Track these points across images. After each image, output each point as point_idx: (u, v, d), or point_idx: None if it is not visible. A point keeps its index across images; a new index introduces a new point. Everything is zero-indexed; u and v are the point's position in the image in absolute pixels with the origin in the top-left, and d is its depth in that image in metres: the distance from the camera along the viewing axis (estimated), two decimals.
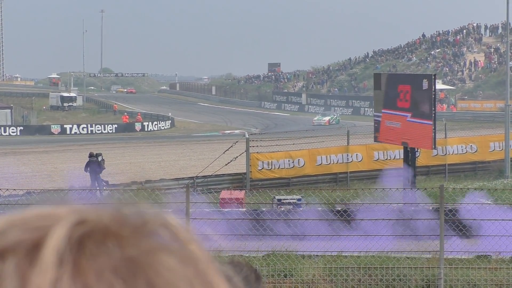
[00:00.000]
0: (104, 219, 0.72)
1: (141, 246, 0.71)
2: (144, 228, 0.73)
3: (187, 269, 0.72)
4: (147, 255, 0.71)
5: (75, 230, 0.70)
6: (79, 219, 0.71)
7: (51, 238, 0.69)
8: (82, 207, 0.74)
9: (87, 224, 0.71)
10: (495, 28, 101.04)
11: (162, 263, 0.71)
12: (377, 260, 16.49)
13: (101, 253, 0.70)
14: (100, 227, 0.71)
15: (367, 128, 36.08)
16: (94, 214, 0.72)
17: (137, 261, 0.70)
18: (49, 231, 0.69)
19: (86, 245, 0.70)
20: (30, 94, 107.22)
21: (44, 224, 0.71)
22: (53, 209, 0.73)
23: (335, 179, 34.83)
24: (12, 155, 48.14)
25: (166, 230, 0.74)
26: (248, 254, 17.93)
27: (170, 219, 0.76)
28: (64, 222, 0.70)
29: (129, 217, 0.74)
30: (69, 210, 0.73)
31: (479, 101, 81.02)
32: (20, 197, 25.94)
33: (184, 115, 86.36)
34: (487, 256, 17.61)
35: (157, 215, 0.76)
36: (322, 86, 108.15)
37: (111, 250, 0.70)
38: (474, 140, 37.60)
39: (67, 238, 0.69)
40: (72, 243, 0.69)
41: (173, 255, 0.72)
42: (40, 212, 0.73)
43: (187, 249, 0.74)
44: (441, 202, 15.75)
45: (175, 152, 47.36)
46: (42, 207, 0.74)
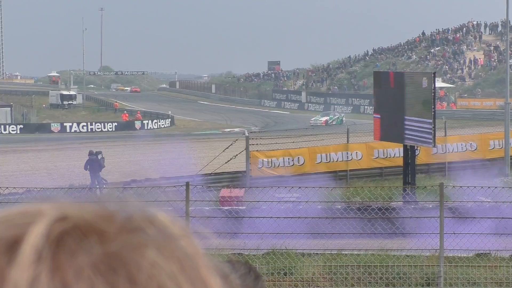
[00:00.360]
0: (86, 215, 0.71)
1: (124, 242, 0.70)
2: (129, 224, 0.72)
3: (173, 264, 0.71)
4: (130, 250, 0.70)
5: (55, 226, 0.69)
6: (60, 215, 0.70)
7: (30, 235, 0.68)
8: (66, 203, 0.73)
9: (68, 220, 0.70)
10: (495, 26, 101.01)
11: (145, 259, 0.70)
12: (377, 258, 16.50)
13: (81, 249, 0.68)
14: (81, 223, 0.70)
15: (367, 126, 36.09)
16: (76, 210, 0.71)
17: (119, 257, 0.69)
18: (29, 228, 0.69)
19: (66, 241, 0.69)
20: (30, 92, 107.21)
21: (25, 221, 0.70)
22: (36, 206, 0.72)
23: (335, 177, 34.83)
24: (12, 153, 48.14)
25: (152, 226, 0.73)
26: (248, 252, 17.94)
27: (158, 214, 0.75)
28: (44, 219, 0.70)
29: (114, 213, 0.73)
30: (51, 206, 0.72)
31: (479, 99, 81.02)
32: (20, 195, 25.94)
33: (184, 113, 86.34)
34: (486, 254, 17.61)
35: (143, 211, 0.74)
36: (322, 84, 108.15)
37: (92, 247, 0.69)
38: (474, 138, 37.59)
39: (46, 234, 0.68)
40: (51, 240, 0.68)
41: (157, 250, 0.71)
42: (23, 209, 0.72)
43: (174, 244, 0.72)
44: (441, 200, 15.76)
45: (175, 150, 47.33)
46: (27, 204, 0.73)
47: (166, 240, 0.72)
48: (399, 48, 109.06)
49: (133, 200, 0.76)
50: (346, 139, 34.90)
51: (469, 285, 15.56)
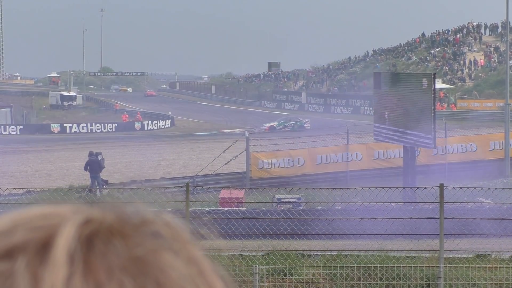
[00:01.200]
0: (108, 218, 0.73)
1: (147, 246, 0.72)
2: (147, 227, 0.74)
3: (191, 269, 0.73)
4: (153, 254, 0.72)
5: (83, 229, 0.71)
6: (86, 218, 0.72)
7: (61, 237, 0.70)
8: (83, 206, 0.75)
9: (93, 223, 0.72)
10: (495, 27, 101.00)
11: (167, 263, 0.72)
12: (377, 259, 16.50)
13: (109, 251, 0.70)
14: (105, 226, 0.72)
15: (367, 127, 36.08)
16: (98, 213, 0.74)
17: (145, 261, 0.71)
18: (58, 230, 0.70)
19: (95, 243, 0.71)
20: (30, 93, 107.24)
21: (49, 223, 0.71)
22: (55, 209, 0.74)
23: (335, 178, 34.83)
24: (12, 154, 48.13)
25: (168, 230, 0.75)
26: (248, 253, 17.93)
27: (170, 219, 0.77)
28: (72, 221, 0.71)
29: (131, 216, 0.75)
30: (72, 209, 0.74)
31: (479, 100, 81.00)
32: (20, 196, 25.95)
33: (184, 114, 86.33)
34: (486, 255, 17.61)
35: (157, 215, 0.77)
36: (322, 85, 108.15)
37: (118, 249, 0.71)
38: (474, 139, 37.60)
39: (77, 236, 0.70)
40: (82, 242, 0.70)
41: (176, 255, 0.73)
42: (41, 211, 0.74)
43: (188, 248, 0.75)
44: (441, 201, 15.75)
45: (175, 151, 47.37)
46: (42, 207, 0.74)
47: (181, 244, 0.75)
48: (399, 49, 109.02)
49: (143, 203, 0.79)
50: (346, 140, 34.91)
51: (469, 286, 15.55)
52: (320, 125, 62.70)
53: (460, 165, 36.25)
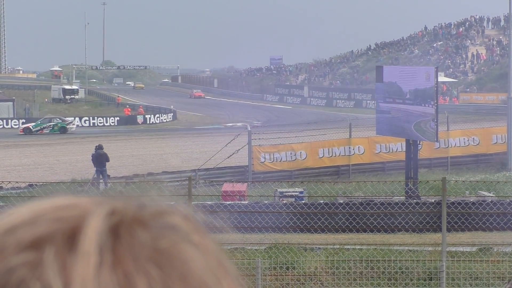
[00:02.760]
0: (130, 209, 0.74)
1: (169, 237, 0.73)
2: (166, 219, 0.75)
3: (210, 260, 0.75)
4: (176, 246, 0.73)
5: (109, 219, 0.72)
6: (111, 209, 0.73)
7: (89, 227, 0.71)
8: (102, 198, 0.76)
9: (118, 214, 0.73)
10: (498, 21, 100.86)
11: (189, 255, 0.73)
12: (379, 253, 16.49)
13: (136, 242, 0.71)
14: (129, 217, 0.73)
15: (369, 121, 36.06)
16: (121, 204, 0.75)
17: (169, 252, 0.72)
18: (84, 220, 0.71)
19: (121, 234, 0.71)
20: (32, 87, 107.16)
21: (74, 214, 0.72)
22: (76, 200, 0.75)
23: (337, 172, 34.84)
24: (15, 147, 48.17)
25: (186, 222, 0.76)
26: (250, 247, 17.94)
27: (187, 211, 0.78)
28: (98, 212, 0.72)
29: (150, 207, 0.76)
30: (93, 201, 0.75)
31: (482, 93, 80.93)
32: (23, 189, 25.97)
33: (186, 108, 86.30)
34: (489, 249, 17.60)
35: (175, 206, 0.78)
36: (324, 79, 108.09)
37: (143, 240, 0.72)
38: (477, 132, 37.58)
39: (105, 227, 0.71)
40: (109, 232, 0.71)
41: (196, 247, 0.74)
42: (63, 202, 0.74)
43: (206, 240, 0.76)
44: (443, 195, 15.74)
45: (177, 145, 47.37)
46: (61, 198, 0.75)
47: (200, 237, 0.76)
48: (401, 43, 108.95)
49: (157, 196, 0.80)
50: (348, 134, 34.89)
51: (471, 279, 15.55)
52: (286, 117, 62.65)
53: (462, 159, 36.25)
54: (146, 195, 0.78)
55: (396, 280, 15.75)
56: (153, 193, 0.80)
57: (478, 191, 24.83)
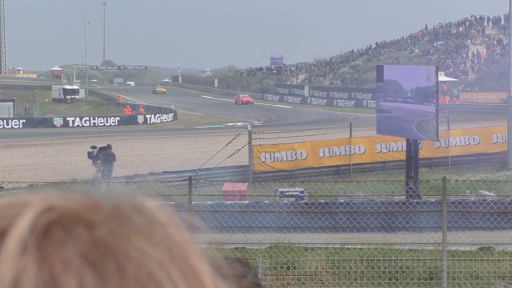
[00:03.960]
0: (73, 205, 0.71)
1: (112, 231, 0.69)
2: (117, 213, 0.71)
3: (162, 253, 0.70)
4: (118, 239, 0.69)
5: (41, 217, 0.68)
6: (47, 206, 0.69)
7: (16, 227, 0.67)
8: (53, 194, 0.72)
9: (55, 211, 0.69)
10: (498, 20, 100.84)
11: (133, 247, 0.69)
12: (380, 252, 16.50)
13: (69, 239, 0.67)
14: (68, 213, 0.69)
15: (369, 121, 36.06)
16: (63, 200, 0.71)
17: (107, 246, 0.68)
18: (15, 219, 0.68)
19: (53, 232, 0.67)
20: (32, 87, 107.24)
21: (11, 213, 0.69)
22: (23, 198, 0.71)
23: (338, 172, 34.83)
24: (15, 147, 48.17)
25: (140, 214, 0.72)
26: (251, 247, 17.94)
27: (145, 202, 0.74)
28: (30, 210, 0.69)
29: (101, 202, 0.72)
30: (38, 197, 0.71)
31: (482, 93, 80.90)
32: (23, 190, 25.98)
33: (187, 108, 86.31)
34: (489, 248, 17.60)
35: (130, 199, 0.73)
36: (324, 78, 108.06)
37: (79, 236, 0.68)
38: (477, 132, 37.57)
39: (32, 225, 0.67)
40: (37, 231, 0.67)
41: (145, 238, 0.70)
42: (10, 201, 0.71)
43: (162, 232, 0.71)
44: (444, 194, 15.74)
45: (178, 145, 47.37)
46: (14, 196, 0.72)
47: (154, 228, 0.71)
48: (401, 42, 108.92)
49: (120, 188, 0.75)
50: (349, 133, 34.88)
51: (472, 279, 15.55)
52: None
53: (463, 158, 36.24)
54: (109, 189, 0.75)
55: (396, 279, 15.76)
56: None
57: (478, 191, 24.83)
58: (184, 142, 48.90)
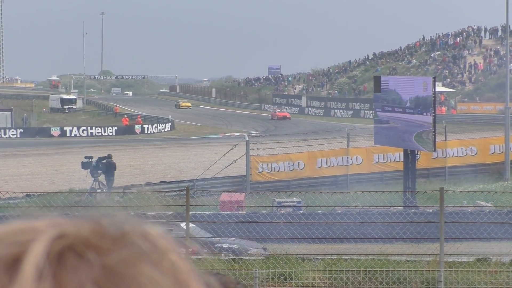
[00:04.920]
0: (83, 231, 0.72)
1: (122, 257, 0.71)
2: (124, 239, 0.73)
3: (167, 279, 0.72)
4: (128, 266, 0.71)
5: (55, 244, 0.70)
6: (59, 233, 0.71)
7: (31, 253, 0.68)
8: (61, 220, 0.73)
9: (66, 237, 0.71)
10: (495, 31, 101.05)
11: (142, 274, 0.71)
12: (377, 263, 16.48)
13: (82, 265, 0.69)
14: (80, 240, 0.71)
15: (367, 131, 36.09)
16: (73, 227, 0.72)
17: (118, 272, 0.70)
18: (29, 246, 0.69)
19: (67, 258, 0.69)
20: (30, 97, 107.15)
21: (23, 239, 0.70)
22: (32, 223, 0.73)
23: (335, 182, 34.83)
24: (12, 157, 48.14)
25: (145, 240, 0.74)
26: (248, 257, 17.92)
27: (149, 229, 0.76)
28: (43, 237, 0.70)
29: (108, 228, 0.74)
30: (48, 223, 0.72)
31: (479, 103, 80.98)
32: (20, 199, 25.95)
33: (184, 118, 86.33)
34: (487, 259, 17.59)
35: (136, 225, 0.75)
36: (322, 89, 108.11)
37: (91, 263, 0.70)
38: (474, 142, 37.59)
39: (47, 252, 0.69)
40: (52, 257, 0.69)
41: (153, 265, 0.72)
42: (19, 226, 0.72)
43: (167, 259, 0.74)
44: (441, 205, 15.74)
45: (175, 155, 47.36)
46: (22, 221, 0.73)
47: (159, 255, 0.73)
48: (399, 53, 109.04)
49: (124, 214, 0.77)
50: (346, 144, 34.89)
51: None
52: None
53: (460, 169, 36.25)
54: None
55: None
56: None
57: (476, 201, 24.84)
58: (181, 152, 48.90)
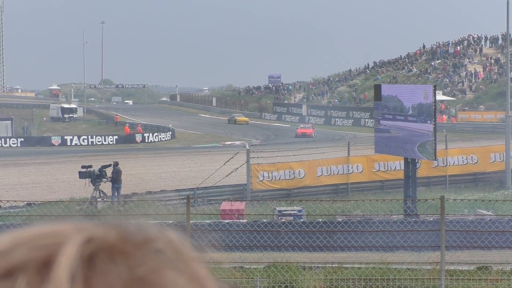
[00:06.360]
0: (110, 236, 0.73)
1: (148, 264, 0.72)
2: (149, 245, 0.74)
3: (193, 286, 0.73)
4: (155, 273, 0.72)
5: (84, 248, 0.71)
6: (88, 237, 0.72)
7: (63, 256, 0.69)
8: (85, 224, 0.75)
9: (94, 242, 0.72)
10: (495, 39, 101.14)
11: (170, 282, 0.72)
12: (378, 272, 16.46)
13: (111, 270, 0.70)
14: (107, 245, 0.72)
15: (367, 139, 36.07)
16: (100, 232, 0.73)
17: (146, 280, 0.71)
18: (59, 249, 0.70)
19: (96, 262, 0.70)
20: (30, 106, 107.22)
21: (51, 242, 0.71)
22: (57, 227, 0.74)
23: (336, 190, 34.82)
24: (13, 166, 48.14)
25: (170, 248, 0.75)
26: (249, 266, 17.90)
27: (173, 236, 0.77)
28: (74, 240, 0.71)
29: (133, 234, 0.75)
30: (74, 228, 0.73)
31: (480, 112, 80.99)
32: (21, 208, 25.94)
33: (185, 126, 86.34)
34: (488, 268, 17.57)
35: (160, 232, 0.76)
36: (322, 97, 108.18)
37: (119, 268, 0.71)
38: (475, 151, 37.59)
39: (78, 255, 0.70)
40: (83, 261, 0.70)
41: (179, 273, 0.73)
42: (43, 230, 0.73)
43: (190, 266, 0.75)
44: (442, 213, 15.73)
45: (176, 163, 47.35)
46: (44, 225, 0.74)
47: (183, 262, 0.75)
48: (399, 61, 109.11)
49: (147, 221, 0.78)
50: (347, 152, 34.89)
51: None
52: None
53: (461, 177, 36.24)
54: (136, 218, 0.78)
55: None
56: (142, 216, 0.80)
57: (476, 210, 24.83)
58: (182, 161, 48.90)
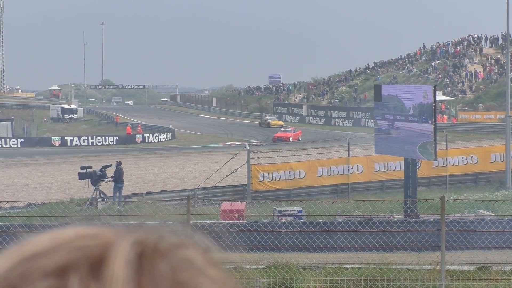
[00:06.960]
0: (151, 241, 0.76)
1: (188, 270, 0.75)
2: (184, 252, 0.78)
3: None
4: (194, 279, 0.75)
5: (134, 250, 0.74)
6: (135, 239, 0.75)
7: (117, 256, 0.72)
8: (120, 228, 0.78)
9: (140, 245, 0.75)
10: (496, 40, 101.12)
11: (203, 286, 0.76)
12: (378, 272, 16.46)
13: (157, 274, 0.73)
14: (150, 248, 0.75)
15: (367, 140, 36.08)
16: (142, 235, 0.77)
17: (188, 285, 0.74)
18: (109, 250, 0.73)
19: (143, 265, 0.73)
20: (30, 106, 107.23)
21: (95, 244, 0.74)
22: (93, 230, 0.77)
23: (336, 191, 34.82)
24: (13, 167, 48.14)
25: (203, 256, 0.79)
26: (249, 266, 17.90)
27: (204, 244, 0.81)
28: (125, 242, 0.74)
29: (169, 240, 0.78)
30: (114, 231, 0.77)
31: (480, 112, 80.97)
32: (21, 209, 25.95)
33: (185, 127, 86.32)
34: (488, 268, 17.57)
35: (192, 239, 0.80)
36: (322, 98, 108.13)
37: (163, 272, 0.73)
38: (475, 151, 37.59)
39: (132, 255, 0.73)
40: (133, 263, 0.73)
41: (212, 281, 0.77)
42: (81, 232, 0.76)
43: (219, 272, 0.79)
44: (442, 214, 15.73)
45: (176, 164, 47.35)
46: (77, 228, 0.77)
47: (215, 270, 0.79)
48: (399, 61, 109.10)
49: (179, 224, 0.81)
50: (347, 153, 34.89)
51: None
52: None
53: (461, 177, 36.25)
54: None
55: None
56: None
57: (476, 210, 24.82)
58: (182, 161, 48.89)
